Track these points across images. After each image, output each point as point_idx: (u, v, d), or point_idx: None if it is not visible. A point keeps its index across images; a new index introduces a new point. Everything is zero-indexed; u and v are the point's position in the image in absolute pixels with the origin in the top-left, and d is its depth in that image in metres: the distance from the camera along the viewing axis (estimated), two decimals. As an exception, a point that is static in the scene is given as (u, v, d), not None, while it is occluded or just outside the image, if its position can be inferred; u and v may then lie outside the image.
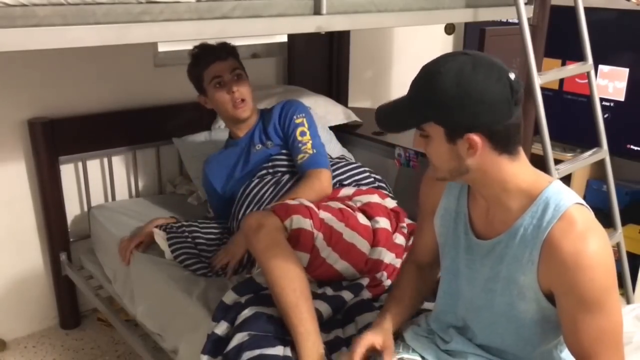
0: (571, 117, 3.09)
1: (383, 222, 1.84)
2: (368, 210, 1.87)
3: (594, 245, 1.10)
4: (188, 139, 2.64)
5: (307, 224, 1.64)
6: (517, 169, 1.18)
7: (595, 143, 2.31)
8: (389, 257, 1.78)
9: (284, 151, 2.14)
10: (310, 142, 2.09)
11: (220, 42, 2.12)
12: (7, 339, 2.55)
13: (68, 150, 2.47)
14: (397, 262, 1.79)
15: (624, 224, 2.51)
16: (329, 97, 2.98)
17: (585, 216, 1.14)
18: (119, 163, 2.66)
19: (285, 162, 2.13)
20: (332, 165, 2.13)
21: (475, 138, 1.12)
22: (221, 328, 1.61)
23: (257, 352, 1.45)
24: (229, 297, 1.67)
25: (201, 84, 2.14)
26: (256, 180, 2.11)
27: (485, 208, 1.26)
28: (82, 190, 2.59)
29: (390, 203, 2.01)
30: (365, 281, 1.72)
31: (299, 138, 2.10)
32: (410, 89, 1.19)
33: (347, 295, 1.66)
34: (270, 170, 2.12)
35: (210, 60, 2.08)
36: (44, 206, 2.47)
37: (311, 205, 1.72)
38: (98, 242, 2.46)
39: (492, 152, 1.15)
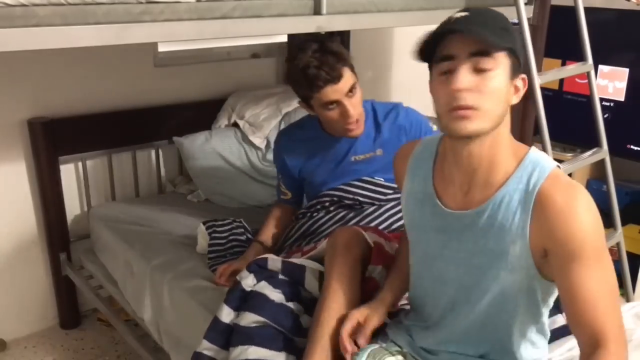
0: (571, 117, 3.09)
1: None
2: None
3: (584, 198, 1.11)
4: (188, 138, 2.64)
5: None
6: (509, 134, 1.19)
7: (595, 143, 2.31)
8: None
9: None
10: None
11: (329, 46, 1.72)
12: (7, 339, 2.55)
13: (68, 150, 2.47)
14: None
15: (624, 224, 2.50)
16: (329, 97, 2.97)
17: (569, 177, 1.15)
18: (119, 163, 2.66)
19: (385, 191, 1.89)
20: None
21: (525, 79, 1.16)
22: (225, 313, 1.58)
23: (262, 351, 1.44)
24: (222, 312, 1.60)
25: (308, 101, 1.80)
26: (346, 213, 1.89)
27: (459, 183, 1.20)
28: (82, 190, 2.59)
29: None
30: None
31: None
32: (483, 23, 1.11)
33: None
34: (367, 200, 1.88)
35: (320, 86, 1.70)
36: (44, 206, 2.47)
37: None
38: (98, 242, 2.46)
39: (509, 110, 1.17)
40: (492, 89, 1.09)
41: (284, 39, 3.03)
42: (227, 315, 1.57)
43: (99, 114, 2.55)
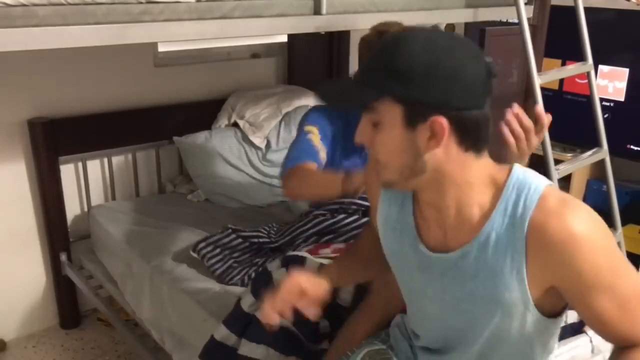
0: (571, 117, 3.09)
1: None
2: None
3: (582, 218, 0.92)
4: (188, 138, 2.64)
5: None
6: (483, 167, 0.98)
7: (595, 143, 2.31)
8: None
9: None
10: None
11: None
12: (7, 339, 2.55)
13: (68, 150, 2.46)
14: None
15: (624, 224, 2.50)
16: (329, 97, 2.97)
17: (563, 194, 0.96)
18: (119, 163, 2.66)
19: None
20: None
21: (442, 121, 0.90)
22: (221, 333, 1.56)
23: (272, 352, 1.43)
24: (220, 333, 1.57)
25: None
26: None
27: (436, 222, 1.03)
28: (82, 190, 2.59)
29: None
30: None
31: None
32: (365, 64, 0.98)
33: None
34: None
35: None
36: (44, 206, 2.47)
37: None
38: (98, 242, 2.46)
39: (457, 147, 0.94)
40: (379, 142, 0.96)
41: (284, 39, 3.03)
42: (248, 303, 1.55)
43: (99, 114, 2.55)
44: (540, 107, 1.39)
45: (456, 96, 0.91)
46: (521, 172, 0.98)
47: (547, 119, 1.36)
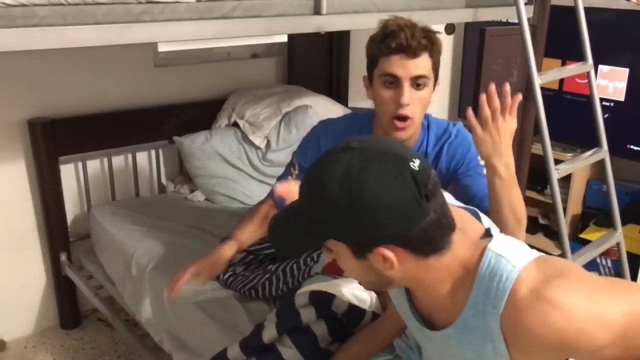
0: (571, 117, 3.09)
1: None
2: None
3: (563, 303, 0.86)
4: (188, 138, 2.64)
5: None
6: (450, 259, 0.95)
7: (595, 143, 2.31)
8: None
9: None
10: None
11: (424, 25, 1.56)
12: (7, 339, 2.55)
13: (68, 150, 2.46)
14: None
15: (624, 224, 2.50)
16: (329, 97, 2.97)
17: (537, 275, 0.90)
18: (119, 163, 2.66)
19: None
20: None
21: (387, 252, 0.90)
22: (234, 353, 1.49)
23: None
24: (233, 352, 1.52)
25: (372, 66, 1.58)
26: None
27: (424, 300, 1.05)
28: (82, 190, 2.59)
29: None
30: None
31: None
32: (300, 201, 0.97)
33: None
34: None
35: (391, 48, 1.50)
36: (44, 206, 2.47)
37: None
38: (98, 242, 2.46)
39: (416, 258, 0.93)
40: (342, 265, 0.99)
41: (284, 39, 3.03)
42: (269, 336, 1.48)
43: (99, 114, 2.55)
44: (505, 89, 1.38)
45: (387, 226, 0.89)
46: (494, 256, 0.93)
47: (517, 98, 1.36)
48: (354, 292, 1.49)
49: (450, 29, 3.60)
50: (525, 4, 2.02)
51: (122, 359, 2.45)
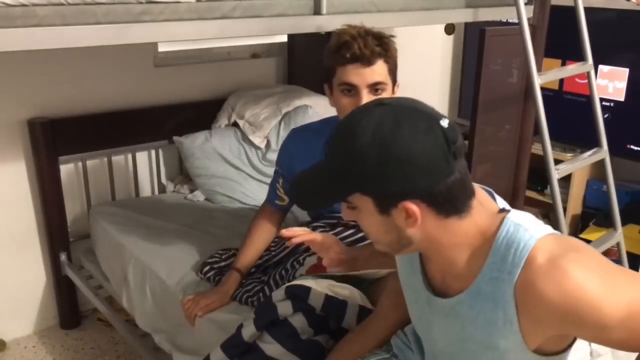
0: (571, 117, 3.09)
1: None
2: None
3: (578, 273, 0.88)
4: (188, 138, 2.64)
5: None
6: (469, 224, 0.97)
7: (595, 143, 2.31)
8: None
9: None
10: None
11: (377, 31, 1.59)
12: (7, 339, 2.55)
13: (68, 150, 2.46)
14: None
15: (624, 224, 2.51)
16: (329, 97, 2.97)
17: (554, 246, 0.92)
18: (119, 163, 2.66)
19: None
20: None
21: (412, 207, 0.92)
22: (217, 356, 1.52)
23: None
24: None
25: (331, 76, 1.64)
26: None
27: (438, 266, 1.06)
28: (82, 190, 2.59)
29: None
30: None
31: None
32: (326, 155, 0.99)
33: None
34: None
35: (346, 58, 1.54)
36: (44, 206, 2.47)
37: None
38: (98, 242, 2.46)
39: (436, 217, 0.94)
40: (362, 223, 1.00)
41: (284, 39, 3.03)
42: (249, 333, 1.51)
43: (99, 114, 2.55)
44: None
45: (416, 180, 0.91)
46: (512, 225, 0.95)
47: None
48: (333, 288, 1.50)
49: (450, 29, 3.61)
50: (525, 4, 2.02)
51: (122, 359, 2.45)
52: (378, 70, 1.56)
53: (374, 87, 1.56)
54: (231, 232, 2.25)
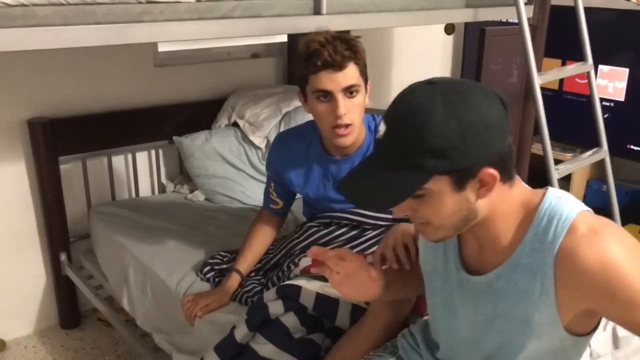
0: (571, 117, 3.09)
1: None
2: None
3: (615, 242, 0.92)
4: (188, 138, 2.64)
5: None
6: (516, 194, 1.00)
7: (595, 143, 2.31)
8: None
9: None
10: None
11: (343, 35, 1.60)
12: (7, 339, 2.55)
13: (68, 150, 2.46)
14: None
15: (624, 224, 2.51)
16: (329, 97, 2.97)
17: (594, 220, 0.96)
18: (119, 163, 2.66)
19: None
20: None
21: (492, 172, 0.93)
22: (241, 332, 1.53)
23: None
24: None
25: (304, 84, 1.63)
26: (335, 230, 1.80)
27: (477, 243, 1.07)
28: (82, 190, 2.59)
29: None
30: None
31: None
32: (389, 146, 0.95)
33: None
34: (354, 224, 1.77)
35: (318, 66, 1.54)
36: (44, 206, 2.47)
37: None
38: (98, 242, 2.46)
39: (499, 184, 0.96)
40: (429, 211, 0.96)
41: (284, 39, 3.03)
42: (241, 334, 1.52)
43: (99, 114, 2.55)
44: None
45: (494, 143, 0.93)
46: (554, 199, 0.99)
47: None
48: (325, 288, 1.51)
49: (450, 29, 3.61)
50: (525, 4, 2.02)
51: (122, 359, 2.45)
52: (350, 74, 1.56)
53: (349, 90, 1.57)
54: (231, 232, 2.25)
